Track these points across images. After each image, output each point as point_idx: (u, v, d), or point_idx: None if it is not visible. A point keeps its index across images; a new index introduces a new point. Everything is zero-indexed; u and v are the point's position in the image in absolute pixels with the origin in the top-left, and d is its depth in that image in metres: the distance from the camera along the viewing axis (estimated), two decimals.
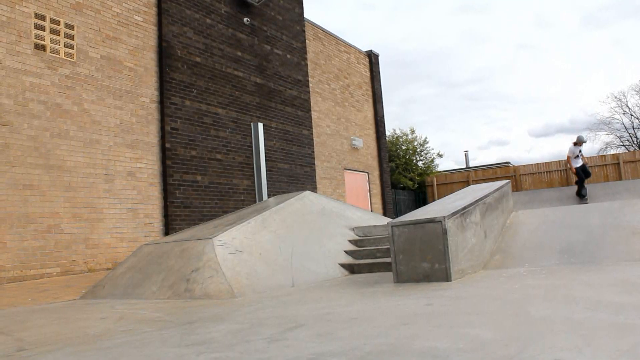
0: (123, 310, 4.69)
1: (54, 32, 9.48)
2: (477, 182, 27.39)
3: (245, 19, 13.97)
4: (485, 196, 6.47)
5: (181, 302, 5.01)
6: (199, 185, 11.82)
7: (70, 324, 4.15)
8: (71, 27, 9.78)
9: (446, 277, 5.02)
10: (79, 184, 9.52)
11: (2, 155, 8.42)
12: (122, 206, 10.24)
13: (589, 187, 16.80)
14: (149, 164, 10.94)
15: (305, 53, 16.80)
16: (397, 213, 23.67)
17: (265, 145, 13.85)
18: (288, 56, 15.71)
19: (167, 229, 10.95)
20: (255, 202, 12.91)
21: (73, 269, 9.12)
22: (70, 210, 9.31)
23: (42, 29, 9.31)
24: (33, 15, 9.19)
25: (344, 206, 8.93)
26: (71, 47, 9.74)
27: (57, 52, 9.50)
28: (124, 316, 4.32)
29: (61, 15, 9.63)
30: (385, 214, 20.53)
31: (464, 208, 5.64)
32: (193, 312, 4.22)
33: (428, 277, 5.13)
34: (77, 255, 9.27)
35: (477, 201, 6.08)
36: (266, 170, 13.77)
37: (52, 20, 9.47)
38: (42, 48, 9.27)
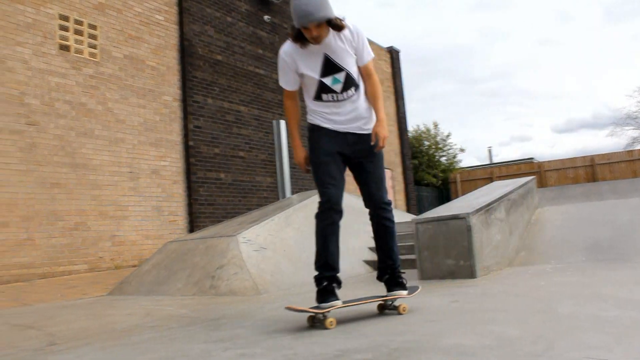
0: (149, 307, 4.75)
1: (78, 32, 9.61)
2: (500, 178, 27.13)
3: (265, 17, 14.01)
4: (510, 192, 6.41)
5: (206, 298, 5.05)
6: (223, 182, 11.90)
7: (99, 319, 4.21)
8: (94, 28, 9.90)
9: (471, 274, 4.99)
10: (105, 182, 9.65)
11: (30, 155, 8.57)
12: (146, 204, 10.35)
13: (618, 183, 14.54)
14: (173, 162, 11.04)
15: None
16: (420, 210, 23.56)
17: (287, 143, 13.87)
18: None
19: (192, 226, 11.04)
20: (278, 199, 12.95)
21: (100, 266, 9.25)
22: (97, 208, 9.44)
23: (66, 29, 9.44)
24: (57, 17, 9.33)
25: None
26: (94, 47, 9.87)
27: (81, 52, 9.63)
28: (151, 312, 4.37)
29: (84, 16, 9.76)
30: (408, 210, 20.46)
31: (489, 204, 5.60)
32: (218, 309, 4.25)
33: (453, 274, 5.10)
34: (104, 252, 9.40)
35: (501, 197, 6.03)
36: (289, 167, 13.80)
37: (76, 21, 9.60)
38: (67, 48, 9.41)
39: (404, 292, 3.36)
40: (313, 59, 3.25)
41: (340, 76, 3.26)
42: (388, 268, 3.45)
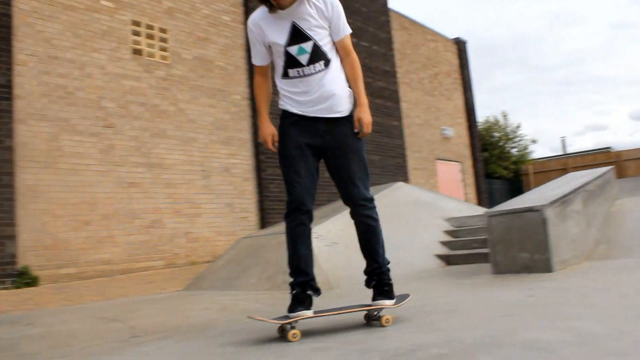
0: (225, 301, 4.87)
1: (149, 36, 9.95)
2: (575, 169, 26.09)
3: None
4: (587, 183, 6.16)
5: (279, 293, 5.13)
6: None
7: (177, 313, 4.37)
8: (164, 31, 10.22)
9: (547, 268, 4.83)
10: (178, 181, 9.96)
11: (108, 156, 8.97)
12: (219, 201, 10.61)
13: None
14: (243, 160, 11.26)
15: (392, 43, 16.65)
16: (491, 203, 23.01)
17: None
18: (374, 47, 15.63)
19: (263, 223, 11.23)
20: None
21: (176, 262, 9.57)
22: (171, 206, 9.76)
23: (139, 34, 9.79)
24: (130, 23, 9.69)
25: (437, 197, 8.81)
26: (165, 50, 10.19)
27: (153, 56, 9.97)
28: (226, 307, 4.49)
29: (155, 21, 10.09)
30: (479, 204, 20.02)
31: (564, 196, 5.40)
32: None
33: (528, 268, 4.96)
34: (179, 248, 9.72)
35: (577, 189, 5.80)
36: None
37: (147, 26, 9.95)
38: (139, 52, 9.76)
39: (389, 302, 3.02)
40: (281, 27, 2.98)
41: (307, 46, 2.96)
42: (374, 273, 3.12)
